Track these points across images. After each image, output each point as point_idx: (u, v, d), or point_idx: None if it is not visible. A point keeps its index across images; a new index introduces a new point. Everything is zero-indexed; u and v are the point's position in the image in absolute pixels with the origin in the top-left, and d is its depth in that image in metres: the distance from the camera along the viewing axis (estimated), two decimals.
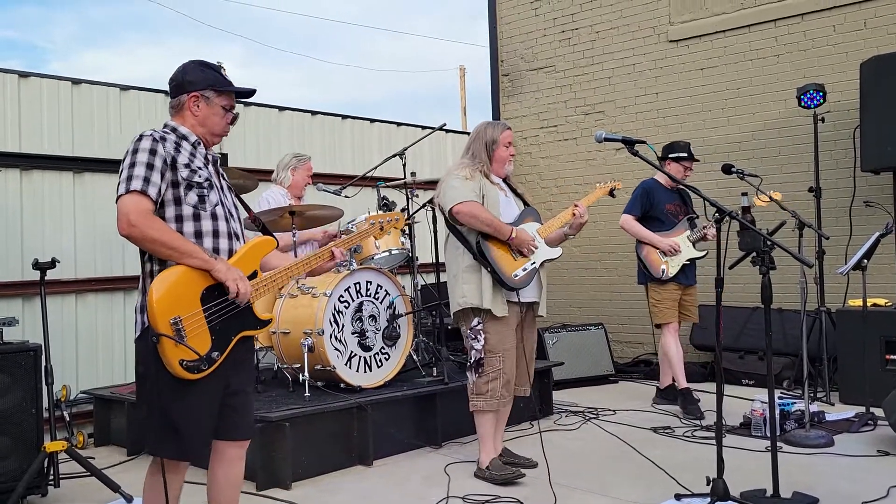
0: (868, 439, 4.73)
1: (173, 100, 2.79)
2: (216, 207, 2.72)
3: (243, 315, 2.69)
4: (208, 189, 2.71)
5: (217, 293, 2.60)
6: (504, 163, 4.27)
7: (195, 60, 2.83)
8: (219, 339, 2.60)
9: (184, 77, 2.78)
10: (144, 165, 2.55)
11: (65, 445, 3.99)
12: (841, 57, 6.61)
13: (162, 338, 2.45)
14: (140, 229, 2.49)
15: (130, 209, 2.50)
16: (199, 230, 2.67)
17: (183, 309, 2.51)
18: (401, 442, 4.75)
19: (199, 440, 2.68)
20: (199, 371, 2.53)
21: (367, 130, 7.69)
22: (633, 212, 5.70)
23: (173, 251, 2.53)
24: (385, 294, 5.08)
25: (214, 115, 2.78)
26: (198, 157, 2.74)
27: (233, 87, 2.83)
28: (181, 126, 2.76)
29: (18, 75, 5.33)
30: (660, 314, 5.63)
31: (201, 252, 2.58)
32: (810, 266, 3.73)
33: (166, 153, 2.61)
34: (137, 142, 2.61)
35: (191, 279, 2.55)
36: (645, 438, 4.91)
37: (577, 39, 8.22)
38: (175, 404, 2.56)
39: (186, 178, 2.65)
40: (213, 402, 2.68)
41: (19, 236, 5.25)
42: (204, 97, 2.76)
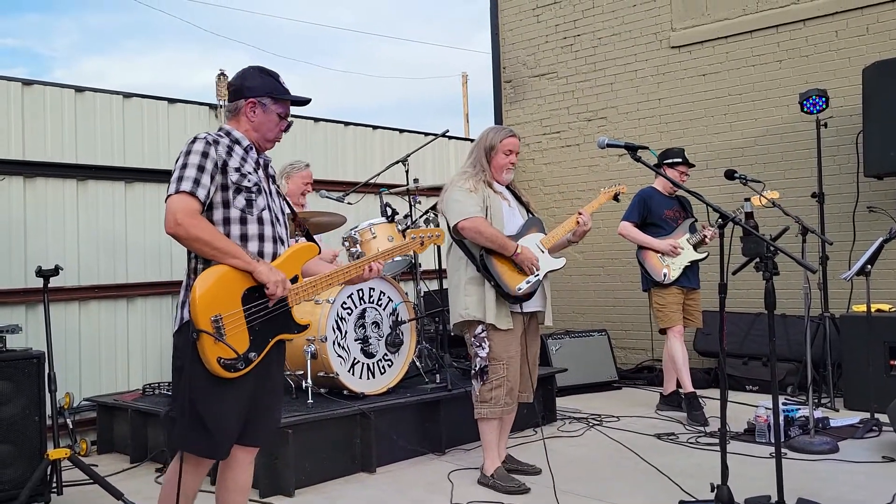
0: (873, 445, 4.72)
1: (230, 104, 2.83)
2: (263, 212, 2.76)
3: (282, 318, 2.72)
4: (256, 193, 2.75)
5: (258, 295, 2.64)
6: (502, 170, 4.24)
7: (255, 66, 2.87)
8: (257, 340, 2.63)
9: (243, 82, 2.82)
10: (195, 167, 2.60)
11: (68, 453, 3.99)
12: (843, 62, 6.62)
13: (202, 334, 2.48)
14: (185, 228, 2.53)
15: (178, 208, 2.55)
16: (245, 233, 2.71)
17: (224, 307, 2.55)
18: (404, 449, 4.73)
19: (226, 439, 2.69)
20: (235, 370, 2.56)
21: (370, 137, 7.69)
22: (631, 218, 5.72)
23: (217, 251, 2.57)
24: (388, 301, 5.07)
25: (269, 121, 2.82)
26: (249, 161, 2.78)
27: (290, 95, 2.87)
28: (235, 130, 2.81)
29: (22, 83, 5.34)
30: (665, 318, 5.60)
31: (244, 254, 2.63)
32: (814, 271, 3.72)
33: (218, 156, 2.66)
34: (191, 143, 2.66)
35: (233, 279, 2.59)
36: (649, 445, 4.90)
37: (579, 46, 8.23)
38: (208, 401, 2.59)
39: (236, 182, 2.69)
40: (244, 403, 2.70)
41: (23, 243, 5.25)
42: (261, 104, 2.80)
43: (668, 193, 5.76)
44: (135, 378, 5.68)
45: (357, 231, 5.24)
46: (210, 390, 2.58)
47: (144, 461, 4.82)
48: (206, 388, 2.58)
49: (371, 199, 6.79)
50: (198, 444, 2.65)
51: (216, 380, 2.56)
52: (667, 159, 5.72)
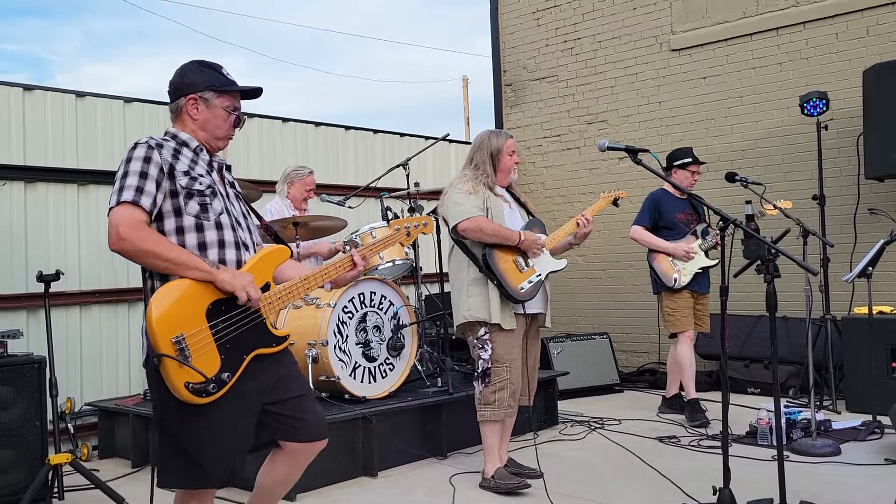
0: (875, 448, 4.71)
1: (171, 104, 2.62)
2: (221, 216, 2.52)
3: (256, 331, 2.47)
4: (211, 197, 2.51)
5: (224, 308, 2.39)
6: (509, 172, 4.27)
7: (194, 61, 2.65)
8: (229, 359, 2.37)
9: (181, 79, 2.60)
10: (137, 175, 2.39)
11: (69, 458, 3.98)
12: (843, 65, 6.62)
13: (164, 359, 2.24)
14: (131, 242, 2.32)
15: (120, 221, 2.33)
16: (203, 241, 2.47)
17: (186, 326, 2.30)
18: (405, 453, 4.73)
19: (218, 467, 2.45)
20: (207, 394, 2.31)
21: (371, 141, 7.70)
22: (643, 222, 5.64)
23: (170, 263, 2.34)
24: (389, 304, 5.07)
25: (216, 117, 2.59)
26: (199, 163, 2.56)
27: (235, 86, 2.63)
28: (181, 132, 2.59)
29: (23, 88, 5.35)
30: (676, 322, 5.54)
31: (202, 263, 2.39)
32: (815, 274, 3.72)
33: (163, 161, 2.44)
34: (131, 150, 2.45)
35: (194, 293, 2.35)
36: (650, 448, 4.89)
37: (579, 49, 8.23)
38: (187, 432, 2.37)
39: (186, 186, 2.46)
40: (236, 422, 2.45)
41: (24, 249, 5.25)
42: (203, 99, 2.58)
43: (680, 195, 5.65)
44: (136, 383, 5.68)
45: (358, 235, 5.24)
46: (184, 419, 2.35)
47: (146, 466, 4.81)
48: (179, 417, 2.34)
49: (372, 203, 6.79)
50: (186, 478, 2.45)
51: (191, 407, 2.31)
52: (676, 160, 5.65)
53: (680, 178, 5.61)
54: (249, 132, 6.63)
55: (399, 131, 7.96)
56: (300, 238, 5.12)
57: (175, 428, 2.39)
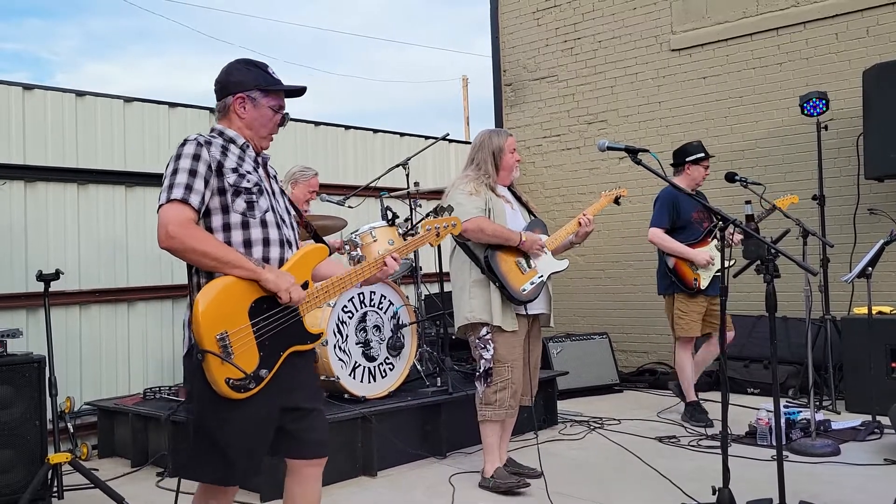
0: (874, 448, 4.71)
1: (219, 102, 2.64)
2: (266, 214, 2.55)
3: (293, 329, 2.52)
4: (258, 195, 2.54)
5: (266, 306, 2.44)
6: (511, 170, 4.27)
7: (241, 59, 2.68)
8: (267, 356, 2.43)
9: (228, 78, 2.63)
10: (187, 172, 2.41)
11: (69, 457, 3.99)
12: (843, 65, 6.62)
13: (207, 355, 2.29)
14: (180, 240, 2.34)
15: (170, 219, 2.35)
16: (249, 239, 2.50)
17: (230, 323, 2.35)
18: (405, 452, 4.73)
19: (245, 463, 2.49)
20: (245, 390, 2.37)
21: (371, 141, 7.70)
22: (662, 224, 5.46)
23: (217, 262, 2.38)
24: (389, 304, 5.07)
25: (262, 116, 2.62)
26: (246, 160, 2.59)
27: (282, 85, 2.67)
28: (228, 129, 2.61)
29: (23, 87, 5.35)
30: (684, 326, 5.46)
31: (248, 261, 2.43)
32: (815, 274, 3.72)
33: (211, 158, 2.47)
34: (181, 147, 2.47)
35: (238, 291, 2.40)
36: (650, 448, 4.89)
37: (579, 49, 8.23)
38: (221, 425, 2.41)
39: (234, 183, 2.49)
40: (264, 422, 2.50)
41: (23, 248, 5.25)
42: (250, 98, 2.61)
43: (692, 191, 5.48)
44: (136, 382, 5.68)
45: (358, 234, 5.24)
46: (222, 414, 2.40)
47: (145, 465, 4.81)
48: (218, 411, 2.40)
49: (372, 203, 6.79)
50: (215, 473, 2.48)
51: (228, 402, 2.37)
52: (689, 156, 5.54)
53: (694, 175, 5.53)
54: None
55: (399, 131, 7.96)
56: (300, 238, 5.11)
57: (210, 421, 2.43)
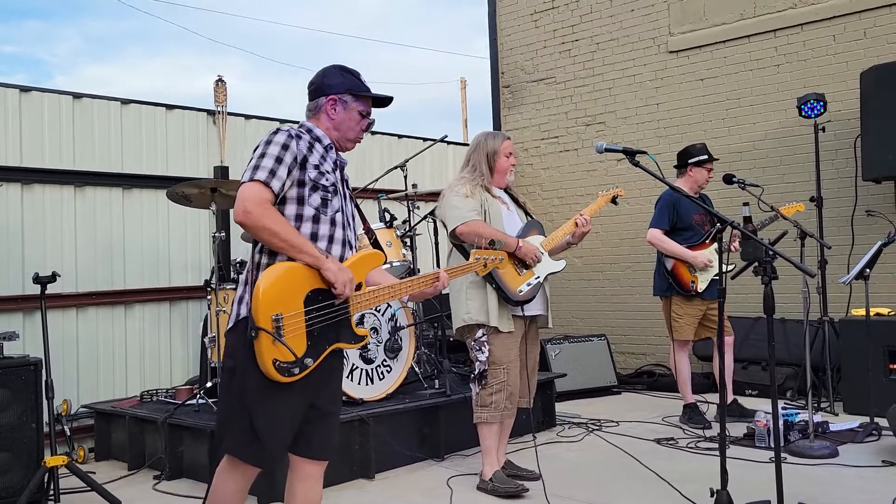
0: (872, 450, 4.71)
1: (311, 103, 2.80)
2: (336, 213, 2.70)
3: (341, 326, 2.62)
4: (332, 194, 2.69)
5: (321, 297, 2.55)
6: (505, 173, 4.27)
7: (336, 65, 2.84)
8: (314, 346, 2.53)
9: (323, 80, 2.79)
10: (274, 158, 2.55)
11: (65, 460, 3.97)
12: (841, 66, 6.62)
13: (261, 332, 2.39)
14: (255, 217, 2.47)
15: (249, 197, 2.48)
16: (316, 233, 2.63)
17: (286, 307, 2.45)
18: (403, 455, 4.72)
19: (277, 449, 2.60)
20: (290, 374, 2.46)
21: (368, 142, 7.68)
22: (661, 225, 5.46)
23: (285, 244, 2.50)
24: (386, 306, 5.06)
25: (350, 119, 2.78)
26: (328, 160, 2.73)
27: (371, 92, 2.83)
28: (316, 128, 2.77)
29: (20, 89, 5.34)
30: (680, 329, 5.47)
31: (313, 248, 2.54)
32: (812, 276, 3.71)
33: (298, 151, 2.60)
34: (273, 134, 2.61)
35: (299, 278, 2.51)
36: (648, 450, 4.89)
37: (577, 51, 8.23)
38: (259, 407, 2.50)
39: (314, 179, 2.63)
40: (296, 412, 2.60)
41: (20, 250, 5.24)
42: (342, 101, 2.76)
43: (695, 193, 5.49)
44: (133, 385, 5.67)
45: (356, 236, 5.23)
46: (262, 394, 2.48)
47: (142, 468, 4.80)
48: (259, 391, 2.48)
49: (369, 205, 6.78)
50: (248, 453, 2.56)
51: (269, 384, 2.46)
52: (691, 158, 5.52)
53: (696, 177, 5.52)
54: (247, 134, 6.62)
55: (397, 133, 7.95)
56: None
57: (250, 402, 2.50)
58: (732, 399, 5.62)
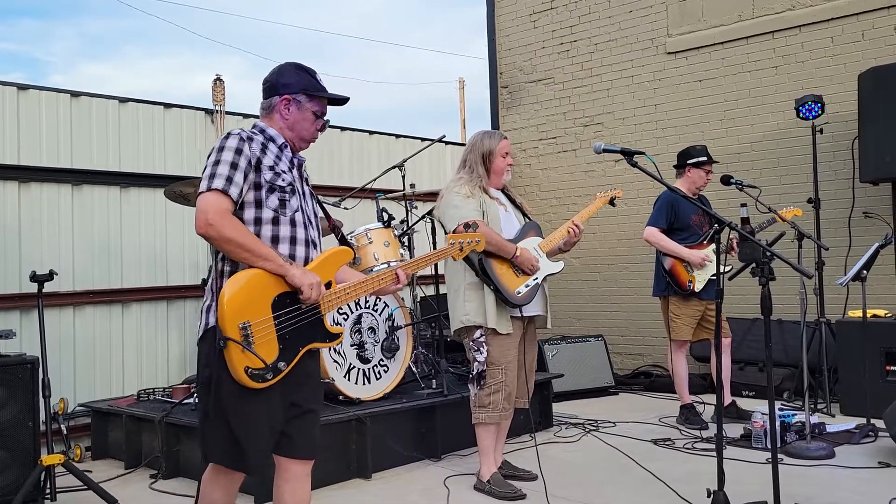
0: (869, 451, 4.71)
1: (265, 101, 2.75)
2: (296, 213, 2.66)
3: (313, 326, 2.60)
4: (290, 194, 2.65)
5: (289, 301, 2.52)
6: (502, 174, 4.25)
7: (291, 63, 2.79)
8: (286, 349, 2.51)
9: (278, 79, 2.74)
10: (228, 164, 2.51)
11: (62, 459, 3.96)
12: (839, 68, 6.63)
13: (229, 342, 2.37)
14: (217, 228, 2.43)
15: (209, 207, 2.45)
16: (277, 235, 2.60)
17: (253, 314, 2.44)
18: (400, 454, 4.72)
19: (258, 453, 2.58)
20: (263, 380, 2.45)
21: (366, 142, 7.69)
22: (658, 224, 5.47)
23: (249, 253, 2.47)
24: (384, 306, 5.06)
25: (304, 119, 2.74)
26: (283, 160, 2.69)
27: (326, 93, 2.78)
28: (270, 128, 2.72)
29: (17, 87, 5.33)
30: (677, 330, 5.46)
31: (277, 256, 2.52)
32: (810, 277, 3.72)
33: (251, 154, 2.57)
34: (224, 140, 2.57)
35: (264, 284, 2.48)
36: (645, 450, 4.89)
37: (575, 52, 8.24)
38: (236, 413, 2.48)
39: (270, 180, 2.59)
40: (276, 414, 2.58)
41: (17, 248, 5.23)
42: (296, 101, 2.72)
43: (693, 194, 5.49)
44: (130, 384, 5.66)
45: (353, 236, 5.23)
46: (238, 402, 2.47)
47: (139, 467, 4.80)
48: (235, 398, 2.46)
49: (367, 205, 6.78)
50: (229, 459, 2.56)
51: (245, 390, 2.44)
52: (690, 158, 5.53)
53: (694, 178, 5.52)
54: None
55: (395, 133, 7.95)
56: None
57: (228, 408, 2.49)
58: (731, 401, 5.62)
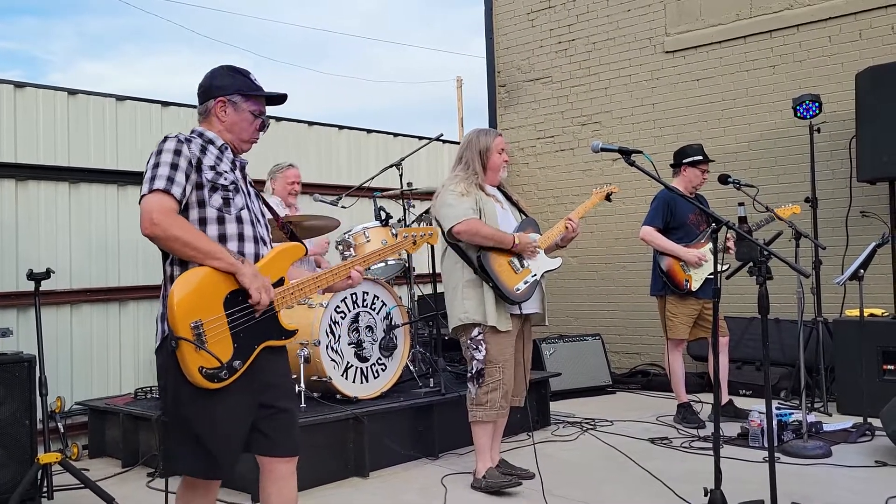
0: (866, 450, 4.72)
1: (201, 105, 2.74)
2: (241, 211, 2.64)
3: (268, 323, 2.56)
4: (234, 192, 2.63)
5: (241, 298, 2.48)
6: (498, 170, 4.25)
7: (224, 65, 2.78)
8: (241, 348, 2.47)
9: (211, 82, 2.73)
10: (168, 165, 2.48)
11: (59, 457, 3.96)
12: (837, 67, 6.63)
13: (181, 342, 2.32)
14: (163, 228, 2.40)
15: (153, 208, 2.42)
16: (224, 233, 2.58)
17: (205, 313, 2.39)
18: (397, 453, 4.72)
19: (228, 456, 2.52)
20: (219, 380, 2.40)
21: (364, 141, 7.69)
22: (655, 223, 5.47)
23: (197, 252, 2.43)
24: (382, 305, 5.06)
25: (242, 120, 2.72)
26: (224, 160, 2.67)
27: (262, 92, 2.76)
28: (208, 131, 2.71)
29: (14, 85, 5.32)
30: (673, 329, 5.46)
31: (227, 254, 2.48)
32: (807, 276, 3.73)
33: (191, 154, 2.54)
34: (162, 143, 2.55)
35: (214, 282, 2.44)
36: (642, 449, 4.89)
37: (573, 50, 8.24)
38: (198, 417, 2.43)
39: (211, 179, 2.57)
40: (241, 415, 2.53)
41: (14, 246, 5.23)
42: (231, 102, 2.70)
43: (690, 193, 5.49)
44: (127, 382, 5.66)
45: (351, 235, 5.23)
46: (198, 405, 2.41)
47: (136, 465, 4.79)
48: (194, 402, 2.41)
49: (365, 203, 6.78)
50: (195, 465, 2.50)
51: (203, 392, 2.39)
52: (686, 158, 5.52)
53: (690, 177, 5.52)
54: None
55: (392, 131, 7.96)
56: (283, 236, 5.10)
57: (189, 414, 2.44)
58: (728, 400, 5.62)
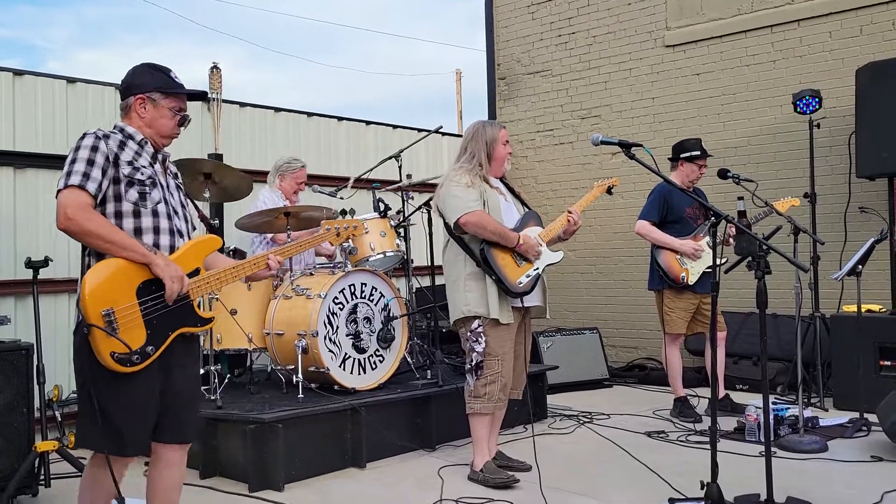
0: (862, 445, 4.73)
1: (122, 102, 2.85)
2: (158, 205, 2.75)
3: (183, 312, 2.70)
4: (151, 187, 2.74)
5: (155, 287, 2.61)
6: (503, 162, 4.25)
7: (145, 63, 2.88)
8: (155, 334, 2.60)
9: (132, 80, 2.84)
10: (85, 161, 2.60)
11: (56, 445, 3.96)
12: (837, 63, 6.63)
13: (93, 329, 2.46)
14: (77, 222, 2.54)
15: (68, 203, 2.55)
16: (139, 227, 2.69)
17: (117, 301, 2.52)
18: (394, 444, 4.73)
19: (138, 435, 2.66)
20: (131, 364, 2.53)
21: (363, 132, 7.68)
22: (650, 217, 5.47)
23: (111, 245, 2.56)
24: (380, 296, 5.06)
25: (162, 117, 2.82)
26: (143, 155, 2.78)
27: (182, 89, 2.87)
28: (128, 126, 2.81)
29: (13, 73, 5.31)
30: (671, 323, 5.47)
31: (140, 246, 2.60)
32: (805, 271, 3.73)
33: (108, 150, 2.65)
34: (80, 140, 2.66)
35: (127, 272, 2.57)
36: (639, 442, 4.90)
37: (573, 44, 8.23)
38: (112, 398, 2.57)
39: (128, 175, 2.69)
40: (150, 398, 2.67)
41: (12, 235, 5.22)
42: (150, 99, 2.81)
43: (687, 187, 5.48)
44: None
45: None
46: (112, 388, 2.55)
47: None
48: (107, 385, 2.55)
49: (364, 195, 6.77)
50: (105, 443, 2.62)
51: (117, 376, 2.53)
52: (684, 152, 5.51)
53: (687, 171, 5.51)
54: (241, 122, 6.59)
55: (392, 123, 7.94)
56: (291, 228, 5.11)
57: (101, 394, 2.57)
58: (725, 394, 5.63)
